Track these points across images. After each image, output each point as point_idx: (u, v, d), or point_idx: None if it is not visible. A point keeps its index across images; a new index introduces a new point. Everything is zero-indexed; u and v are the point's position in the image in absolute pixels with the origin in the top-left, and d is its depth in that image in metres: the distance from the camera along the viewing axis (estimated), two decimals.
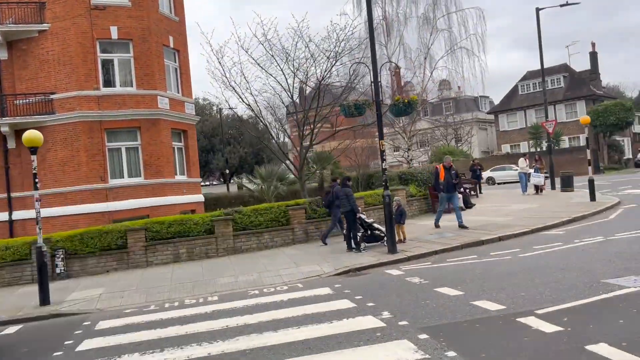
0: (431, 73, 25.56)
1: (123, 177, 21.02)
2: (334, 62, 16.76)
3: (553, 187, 24.34)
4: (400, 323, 6.59)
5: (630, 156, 53.51)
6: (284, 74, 17.25)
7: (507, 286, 7.95)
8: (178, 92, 23.64)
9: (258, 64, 17.24)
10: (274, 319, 7.53)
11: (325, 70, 16.79)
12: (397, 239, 12.39)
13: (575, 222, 14.30)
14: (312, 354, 5.82)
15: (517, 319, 6.20)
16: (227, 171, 45.81)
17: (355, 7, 24.87)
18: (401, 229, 12.97)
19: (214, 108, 59.50)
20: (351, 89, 18.08)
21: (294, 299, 8.78)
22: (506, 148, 54.60)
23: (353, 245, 12.62)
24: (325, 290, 9.17)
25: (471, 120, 55.89)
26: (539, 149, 46.27)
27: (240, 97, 17.93)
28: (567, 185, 22.70)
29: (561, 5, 25.22)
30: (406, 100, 11.84)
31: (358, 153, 29.93)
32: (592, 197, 17.65)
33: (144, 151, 21.25)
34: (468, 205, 18.59)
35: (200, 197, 24.38)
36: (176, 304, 9.55)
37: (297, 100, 17.65)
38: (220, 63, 17.49)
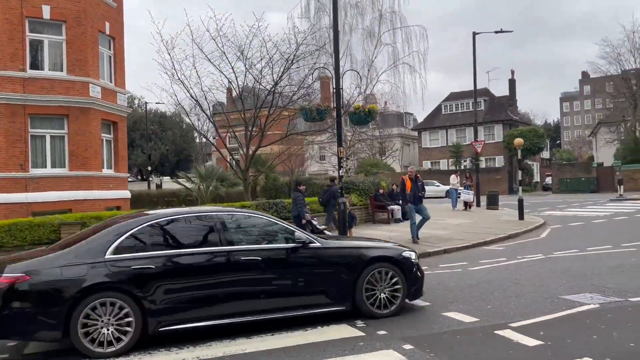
0: (374, 85, 25.98)
1: (46, 167, 19.60)
2: (290, 65, 16.57)
3: (478, 204, 25.43)
4: (379, 332, 6.49)
5: (539, 179, 57.13)
6: (234, 71, 16.86)
7: (471, 298, 8.10)
8: (111, 82, 22.45)
9: (208, 59, 16.71)
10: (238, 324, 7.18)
11: (283, 72, 16.55)
12: None
13: (511, 239, 14.97)
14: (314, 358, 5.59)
15: (495, 332, 6.29)
16: (149, 168, 44.06)
17: (303, 13, 24.89)
18: (349, 233, 12.97)
19: (136, 101, 57.33)
20: (307, 94, 17.95)
21: None
22: (427, 164, 56.59)
23: None
24: None
25: (396, 135, 57.46)
26: (459, 167, 48.30)
27: (188, 92, 17.29)
28: (493, 203, 23.80)
29: (496, 32, 26.56)
30: (367, 110, 11.89)
31: (292, 159, 29.82)
32: (521, 216, 18.60)
33: (71, 141, 19.93)
34: (406, 216, 18.95)
35: (127, 194, 23.23)
36: None
37: (241, 100, 17.20)
38: (169, 54, 16.78)
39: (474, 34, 26.26)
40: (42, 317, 5.71)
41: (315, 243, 7.03)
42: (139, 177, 55.04)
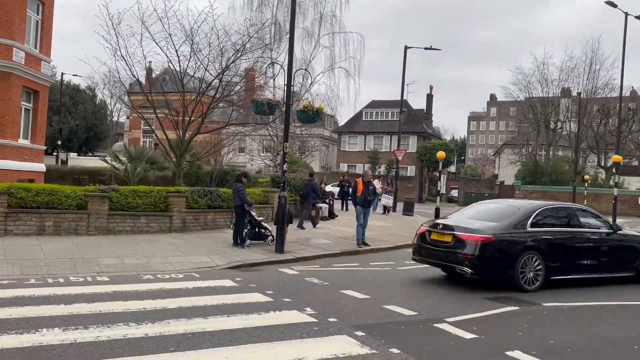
0: (310, 85, 26.39)
1: None
2: (240, 55, 16.59)
3: (395, 209, 26.67)
4: (329, 319, 6.94)
5: (444, 191, 60.27)
6: (178, 55, 16.61)
7: (407, 294, 8.78)
8: (36, 48, 21.30)
9: (153, 38, 16.35)
10: (193, 305, 7.37)
11: (232, 61, 16.50)
12: None
13: None
14: (260, 342, 5.90)
15: (434, 325, 6.95)
16: (59, 142, 41.79)
17: (245, 4, 24.78)
18: (285, 230, 13.31)
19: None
20: (259, 87, 18.03)
21: (200, 288, 8.64)
22: (344, 167, 57.97)
23: (239, 241, 12.63)
24: (228, 282, 9.15)
25: (317, 135, 58.32)
26: (374, 173, 49.97)
27: (130, 70, 16.79)
28: (409, 210, 25.11)
29: (425, 48, 27.97)
30: (315, 109, 12.32)
31: (214, 149, 29.49)
32: None
33: None
34: (332, 215, 19.62)
35: (42, 167, 22.15)
36: (61, 280, 8.74)
37: (182, 83, 16.94)
38: (115, 30, 16.24)
39: (406, 47, 27.54)
40: (501, 263, 9.23)
41: (621, 230, 10.81)
42: (46, 152, 51.93)
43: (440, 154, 20.48)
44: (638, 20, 28.29)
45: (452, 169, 70.06)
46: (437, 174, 58.07)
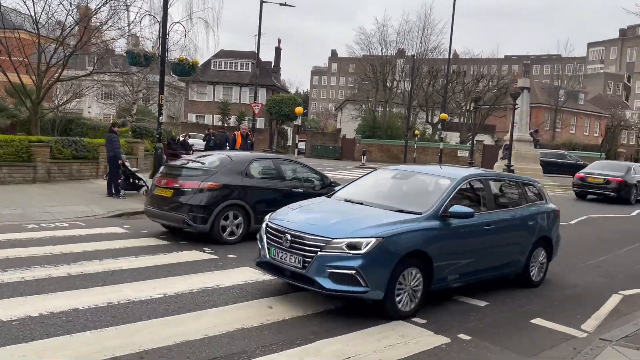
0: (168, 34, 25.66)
1: None
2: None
3: None
4: (229, 256, 8.00)
5: (290, 143, 62.72)
6: None
7: None
8: None
9: None
10: (97, 249, 7.92)
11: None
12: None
13: None
14: (177, 275, 6.79)
15: None
16: None
17: None
18: None
19: None
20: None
21: (93, 234, 9.07)
22: (192, 117, 57.26)
23: (113, 191, 12.87)
24: (118, 229, 9.67)
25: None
26: (226, 124, 50.34)
27: None
28: None
29: (280, 4, 28.85)
30: (191, 63, 12.75)
31: (59, 95, 27.73)
32: None
33: None
34: None
35: None
36: None
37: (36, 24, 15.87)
38: None
39: (262, 1, 28.16)
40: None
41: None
42: None
43: (299, 109, 21.96)
44: None
45: (298, 122, 72.53)
46: (285, 127, 60.21)
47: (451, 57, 57.01)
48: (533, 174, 27.63)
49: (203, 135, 45.82)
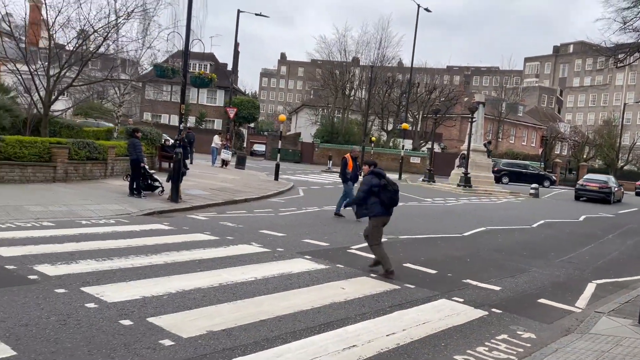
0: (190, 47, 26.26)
1: None
2: (128, 16, 16.76)
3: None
4: (278, 249, 9.41)
5: (246, 145, 63.65)
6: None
7: (312, 233, 11.46)
8: None
9: None
10: (164, 242, 9.12)
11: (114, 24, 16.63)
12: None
13: (281, 195, 18.84)
14: (243, 265, 8.13)
15: (347, 250, 9.92)
16: None
17: None
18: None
19: None
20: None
21: (145, 230, 10.23)
22: (148, 116, 57.17)
23: (135, 192, 13.88)
24: (161, 226, 10.84)
25: (122, 80, 56.17)
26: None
27: None
28: (241, 164, 27.56)
29: (256, 14, 30.12)
30: (210, 77, 13.95)
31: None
32: (276, 178, 22.84)
33: None
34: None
35: None
36: (14, 225, 9.51)
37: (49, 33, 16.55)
38: None
39: (239, 11, 29.36)
40: None
41: None
42: None
43: (282, 117, 23.34)
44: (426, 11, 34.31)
45: (252, 124, 73.45)
46: (242, 129, 60.98)
47: (396, 65, 60.01)
48: (486, 182, 30.28)
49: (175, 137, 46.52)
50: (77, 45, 17.12)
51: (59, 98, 52.02)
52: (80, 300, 5.74)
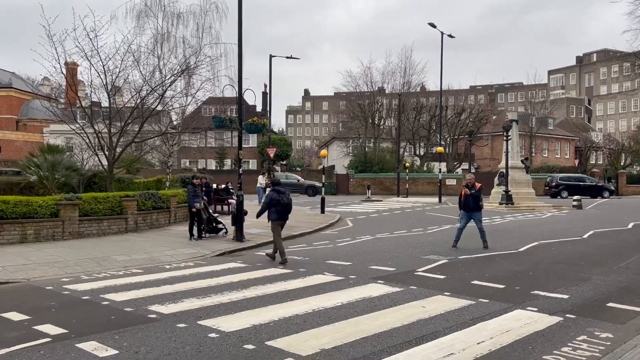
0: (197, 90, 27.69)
1: None
2: (181, 73, 18.14)
3: None
4: (351, 277, 10.09)
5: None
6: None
7: (377, 260, 12.09)
8: None
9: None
10: (240, 280, 9.86)
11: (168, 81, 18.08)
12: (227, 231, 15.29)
13: (332, 227, 19.58)
14: (323, 293, 8.80)
15: (414, 273, 10.53)
16: None
17: (134, 22, 26.05)
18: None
19: None
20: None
21: (224, 269, 11.04)
22: (185, 162, 59.10)
23: (193, 236, 14.77)
24: (236, 264, 11.66)
25: (157, 131, 58.30)
26: (221, 167, 52.26)
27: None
28: None
29: (287, 57, 31.44)
30: (262, 123, 14.98)
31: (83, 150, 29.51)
32: (322, 211, 23.61)
33: None
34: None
35: None
36: (109, 274, 10.43)
37: (107, 94, 18.00)
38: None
39: (271, 56, 30.73)
40: None
41: None
42: None
43: (324, 152, 24.29)
44: (450, 37, 35.18)
45: (284, 161, 74.88)
46: (276, 167, 62.20)
47: (419, 90, 60.90)
48: (527, 197, 30.48)
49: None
50: (136, 104, 18.46)
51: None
52: (202, 332, 6.52)
